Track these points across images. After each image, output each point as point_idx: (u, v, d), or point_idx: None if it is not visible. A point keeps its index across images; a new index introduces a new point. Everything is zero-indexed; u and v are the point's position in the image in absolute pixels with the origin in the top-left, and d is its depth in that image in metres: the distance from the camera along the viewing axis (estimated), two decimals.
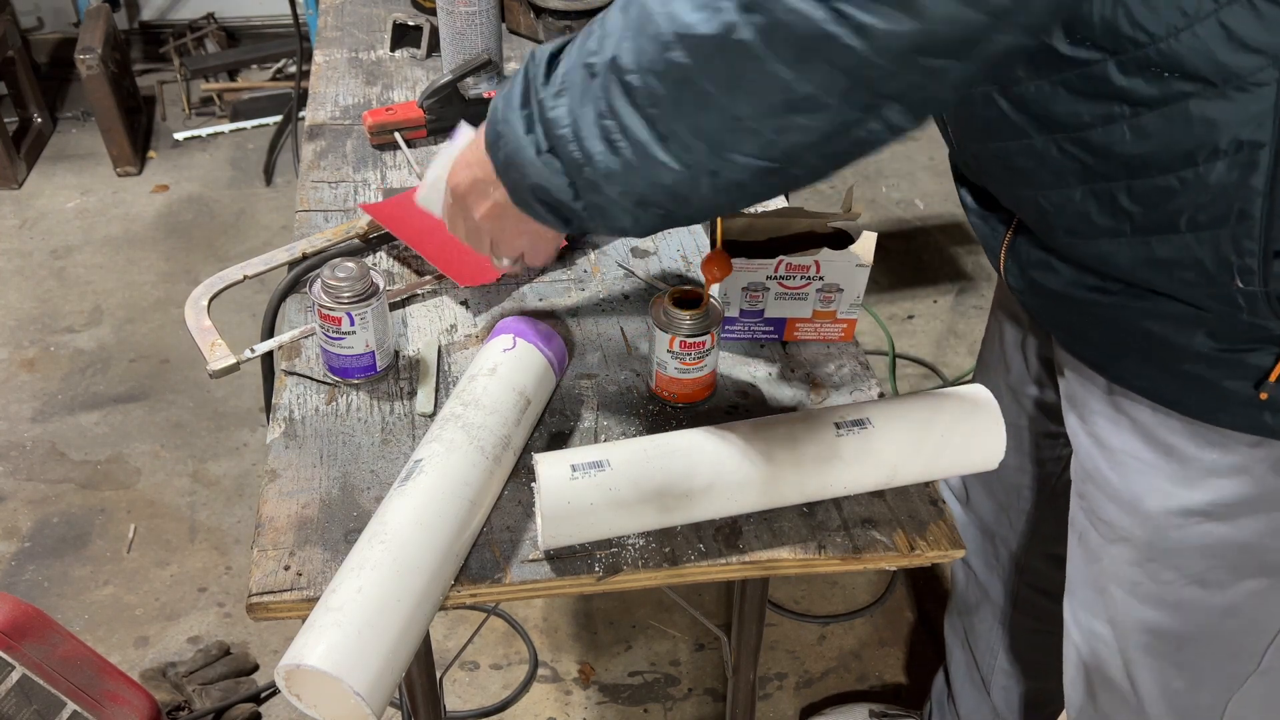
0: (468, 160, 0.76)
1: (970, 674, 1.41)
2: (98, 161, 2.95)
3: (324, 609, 0.68)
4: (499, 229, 0.77)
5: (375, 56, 1.46)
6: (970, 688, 1.42)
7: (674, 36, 0.59)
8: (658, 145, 0.62)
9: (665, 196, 0.65)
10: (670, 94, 0.60)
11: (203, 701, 1.62)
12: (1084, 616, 0.99)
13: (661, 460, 0.77)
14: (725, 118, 0.59)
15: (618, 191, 0.65)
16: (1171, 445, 0.85)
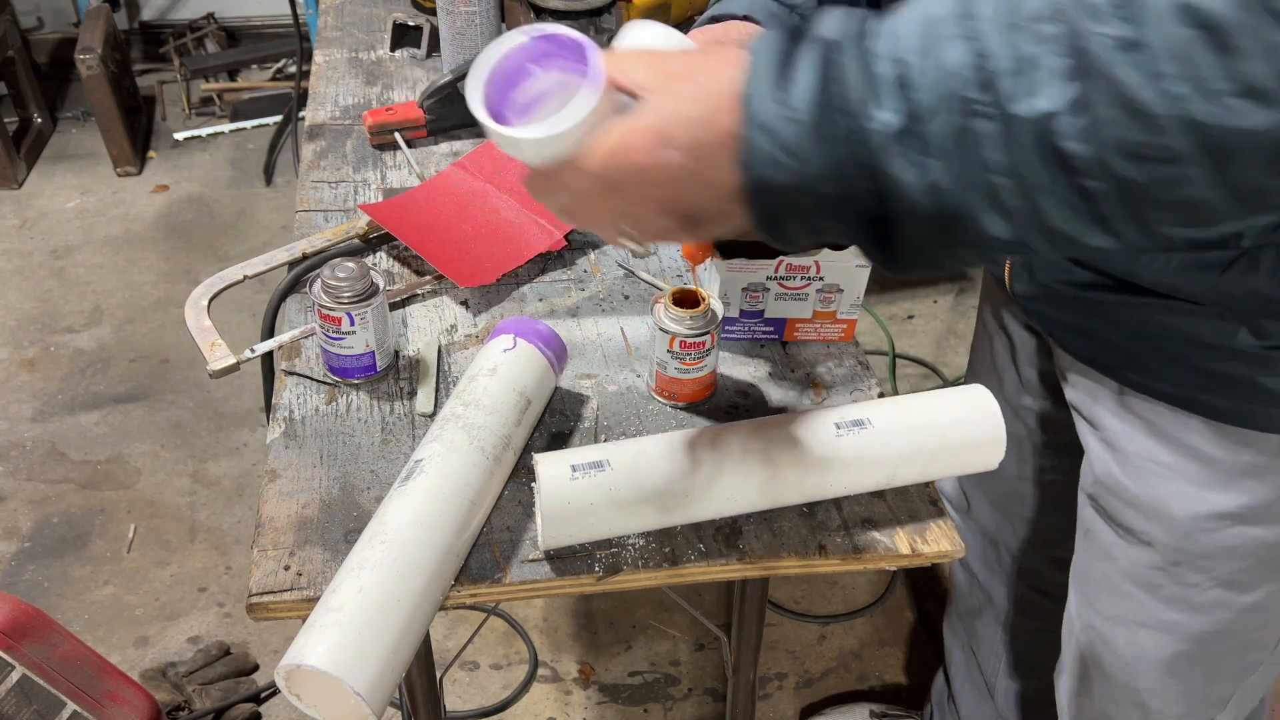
0: (663, 138, 0.56)
1: (971, 676, 1.41)
2: (98, 161, 2.95)
3: (324, 609, 0.68)
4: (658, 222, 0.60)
5: (375, 56, 1.46)
6: (971, 689, 1.42)
7: (1184, 123, 0.44)
8: (1084, 226, 0.49)
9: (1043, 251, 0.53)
10: (1144, 180, 0.46)
11: (203, 701, 1.62)
12: (1089, 614, 0.99)
13: (661, 460, 0.77)
14: (1209, 208, 0.47)
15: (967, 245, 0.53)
16: (1193, 447, 0.83)
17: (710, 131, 0.55)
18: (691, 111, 0.55)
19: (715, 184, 0.56)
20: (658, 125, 0.56)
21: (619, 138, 0.56)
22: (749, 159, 0.54)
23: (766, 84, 0.53)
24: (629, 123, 0.57)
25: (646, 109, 0.56)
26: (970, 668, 1.41)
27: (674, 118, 0.56)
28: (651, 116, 0.56)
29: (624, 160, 0.57)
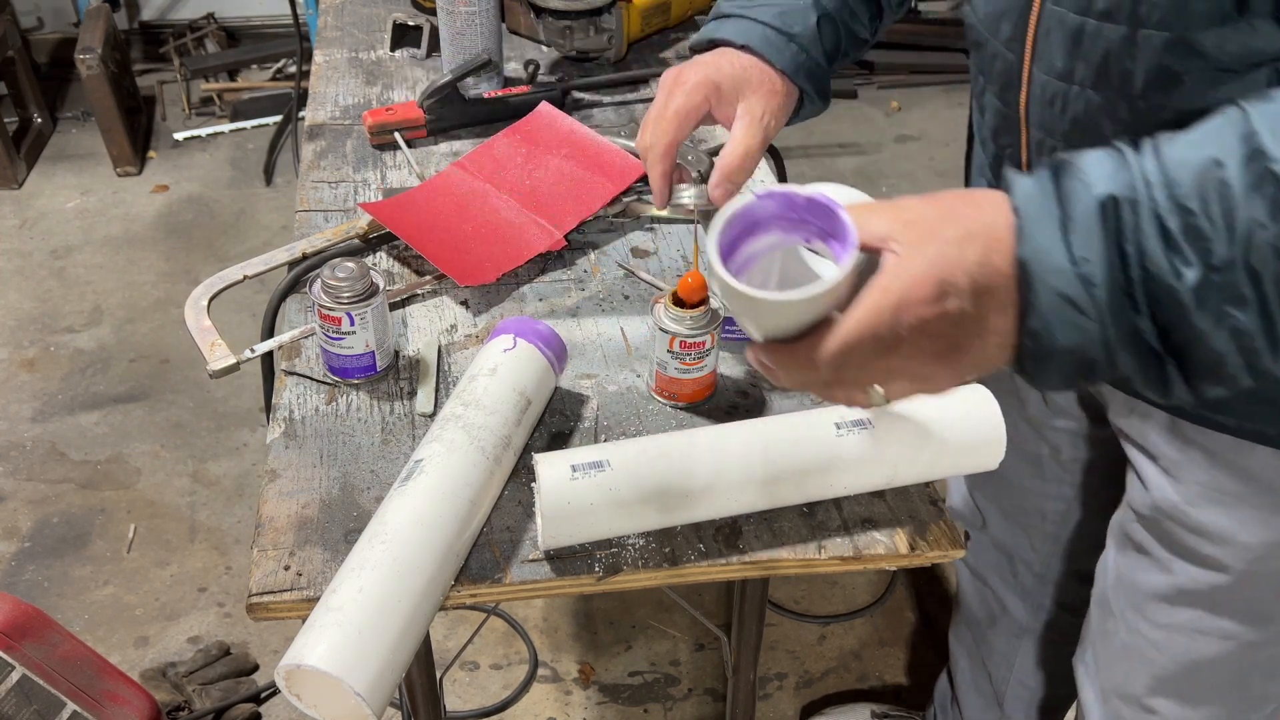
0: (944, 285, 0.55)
1: (978, 683, 1.40)
2: (98, 161, 2.95)
3: (324, 609, 0.68)
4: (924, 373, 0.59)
5: (375, 56, 1.46)
6: (977, 696, 1.41)
7: None
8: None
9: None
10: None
11: (203, 701, 1.62)
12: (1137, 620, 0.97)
13: (661, 460, 0.77)
14: None
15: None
16: (1260, 476, 0.82)
17: (988, 274, 0.55)
18: (966, 256, 0.55)
19: (992, 328, 0.56)
20: (937, 274, 0.55)
21: (899, 292, 0.55)
22: (1040, 323, 0.55)
23: (1052, 244, 0.54)
24: (901, 275, 0.55)
25: (913, 259, 0.55)
26: (977, 675, 1.40)
27: (950, 264, 0.55)
28: (924, 265, 0.55)
29: (908, 314, 0.55)
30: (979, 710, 1.42)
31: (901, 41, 3.52)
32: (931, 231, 0.56)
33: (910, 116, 3.28)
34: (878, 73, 3.45)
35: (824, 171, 2.99)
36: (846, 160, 3.05)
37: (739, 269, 0.61)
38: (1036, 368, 0.57)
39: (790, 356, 0.59)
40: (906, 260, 0.56)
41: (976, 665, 1.39)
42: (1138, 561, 0.96)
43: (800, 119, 0.93)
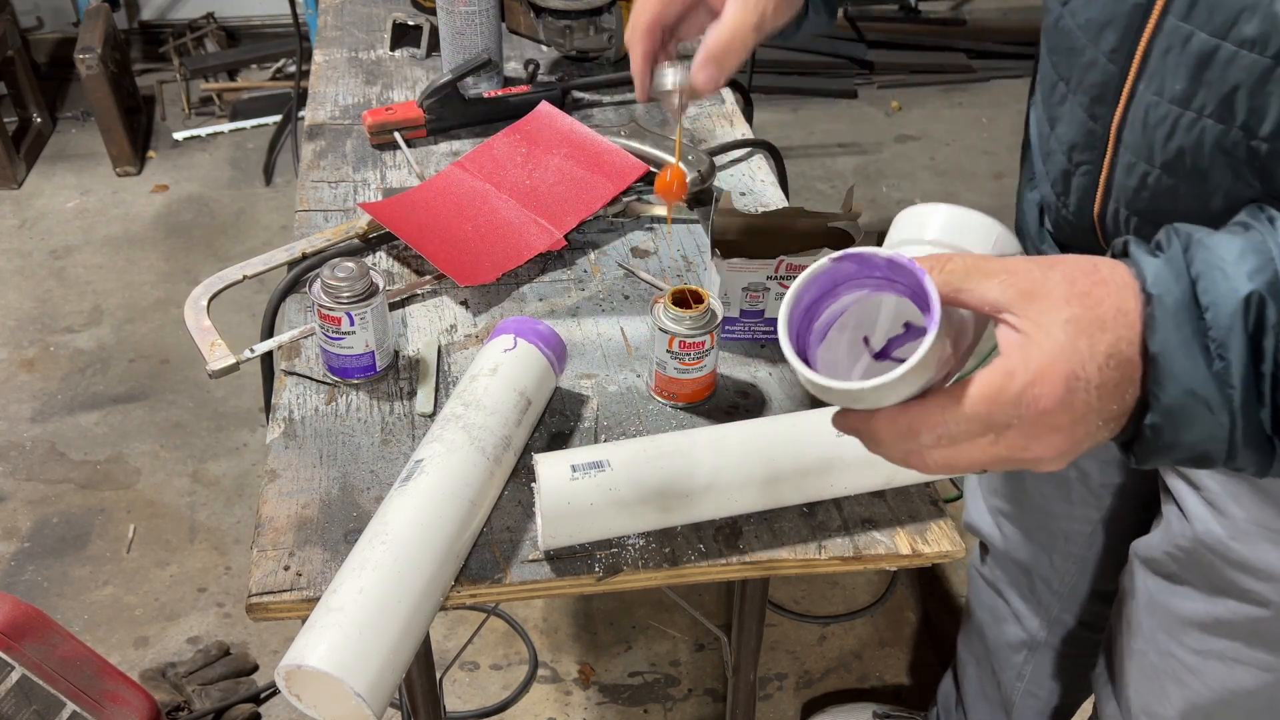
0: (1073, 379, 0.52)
1: (986, 691, 1.39)
2: (97, 161, 2.95)
3: (325, 609, 0.68)
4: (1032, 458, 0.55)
5: (375, 56, 1.46)
6: (984, 703, 1.40)
7: None
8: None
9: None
10: None
11: (202, 702, 1.62)
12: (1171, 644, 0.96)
13: (661, 460, 0.77)
14: None
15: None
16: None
17: (1118, 366, 0.52)
18: (1098, 347, 0.52)
19: (1109, 417, 0.54)
20: (1069, 367, 0.52)
21: (1025, 383, 0.52)
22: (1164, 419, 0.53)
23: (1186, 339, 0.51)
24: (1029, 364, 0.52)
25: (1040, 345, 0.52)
26: (985, 682, 1.39)
27: (1081, 357, 0.52)
28: (1054, 355, 0.52)
29: (1031, 407, 0.52)
30: (985, 716, 1.41)
31: (901, 41, 3.52)
32: (1057, 310, 0.52)
33: (910, 116, 3.28)
34: (878, 73, 3.45)
35: (824, 171, 2.99)
36: (846, 160, 3.05)
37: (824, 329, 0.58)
38: (1145, 456, 0.55)
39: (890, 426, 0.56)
40: (1033, 344, 0.52)
41: (985, 673, 1.38)
42: (1172, 589, 0.95)
43: (801, 32, 0.87)
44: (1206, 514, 0.88)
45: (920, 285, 0.53)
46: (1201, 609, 0.92)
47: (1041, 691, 1.32)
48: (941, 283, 0.53)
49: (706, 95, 0.80)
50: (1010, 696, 1.35)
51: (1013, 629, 1.30)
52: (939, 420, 0.54)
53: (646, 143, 1.17)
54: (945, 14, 3.74)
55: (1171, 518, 0.93)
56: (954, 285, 0.54)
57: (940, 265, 0.54)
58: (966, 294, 0.54)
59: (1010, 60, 3.52)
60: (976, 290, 0.53)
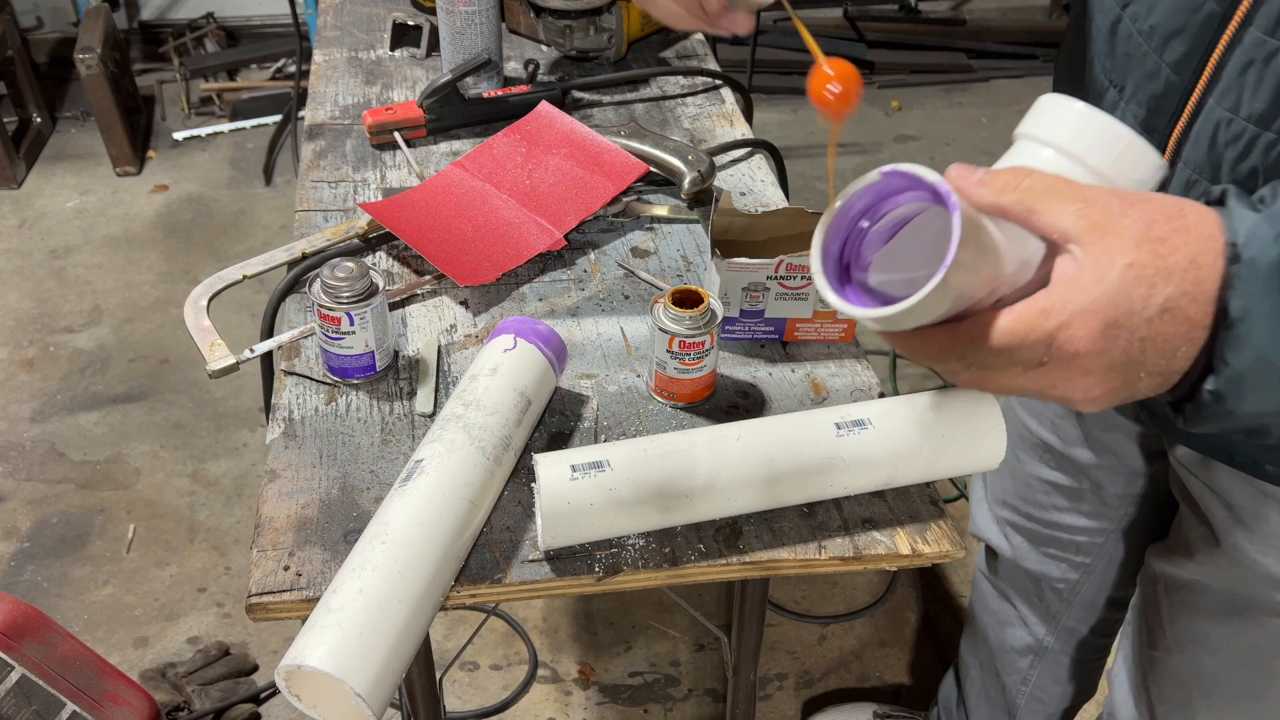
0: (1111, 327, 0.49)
1: (988, 693, 1.39)
2: (97, 161, 2.95)
3: (325, 609, 0.68)
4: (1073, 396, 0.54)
5: (375, 56, 1.45)
6: (987, 705, 1.40)
7: None
8: None
9: None
10: None
11: (202, 702, 1.62)
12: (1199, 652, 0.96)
13: (661, 460, 0.77)
14: None
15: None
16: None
17: (1172, 322, 0.49)
18: (1152, 298, 0.49)
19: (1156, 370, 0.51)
20: (1112, 313, 0.49)
21: (1060, 321, 0.49)
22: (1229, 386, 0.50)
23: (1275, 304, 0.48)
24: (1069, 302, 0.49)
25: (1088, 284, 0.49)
26: (989, 685, 1.38)
27: (1130, 306, 0.49)
28: (1099, 298, 0.49)
29: (1063, 347, 0.50)
30: (987, 718, 1.40)
31: (901, 41, 3.53)
32: (1122, 251, 0.49)
33: (910, 116, 3.28)
34: (878, 73, 3.45)
35: (824, 171, 2.99)
36: (846, 160, 3.05)
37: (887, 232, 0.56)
38: (1197, 420, 0.53)
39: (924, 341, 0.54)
40: (1081, 284, 0.49)
41: (989, 675, 1.38)
42: (1198, 600, 0.94)
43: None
44: (1235, 528, 0.87)
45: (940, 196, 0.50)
46: (1228, 622, 0.91)
47: (1046, 696, 1.32)
48: (1014, 201, 0.51)
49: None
50: (1014, 700, 1.34)
51: (1019, 634, 1.29)
52: (968, 348, 0.52)
53: (646, 143, 1.17)
54: (945, 14, 3.74)
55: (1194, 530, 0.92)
56: (1027, 205, 0.51)
57: (1017, 181, 0.51)
58: (1037, 217, 0.51)
59: (1010, 60, 3.52)
60: (1048, 214, 0.51)
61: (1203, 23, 0.66)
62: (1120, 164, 0.55)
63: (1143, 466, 1.06)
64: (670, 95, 1.37)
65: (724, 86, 1.39)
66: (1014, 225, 0.52)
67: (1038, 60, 3.51)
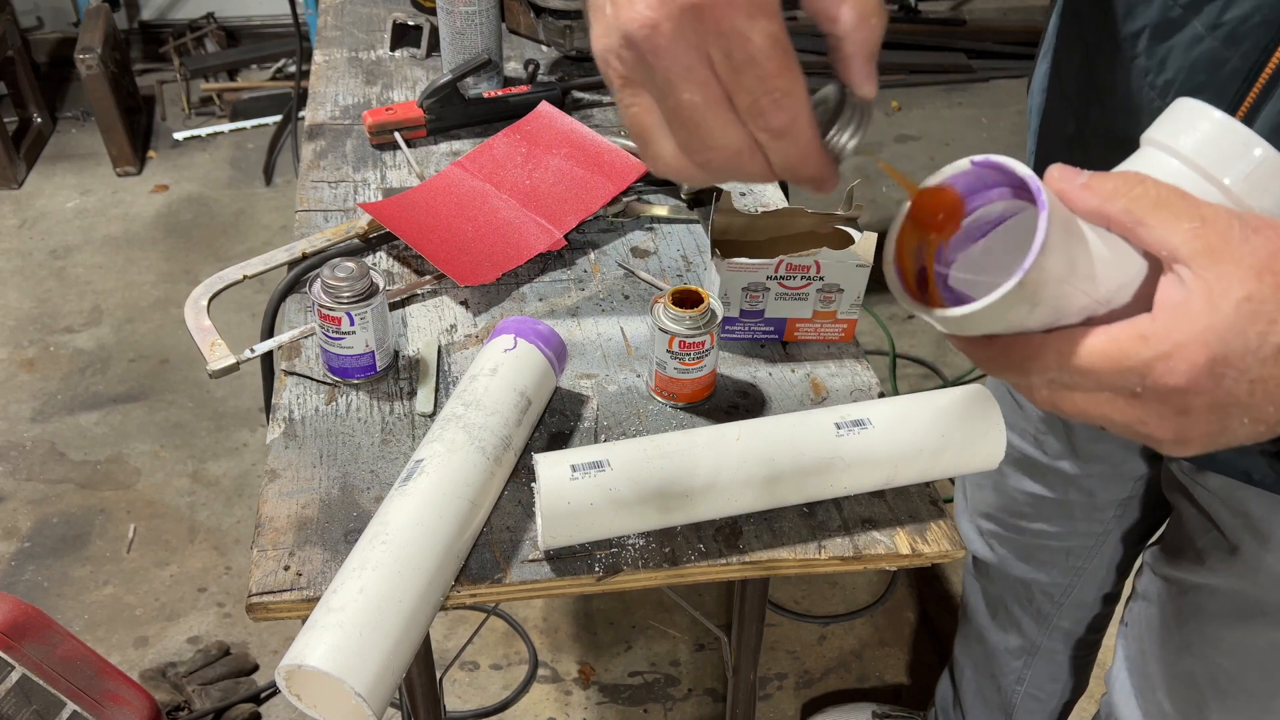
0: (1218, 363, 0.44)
1: (984, 694, 1.39)
2: (97, 161, 2.95)
3: (325, 609, 0.68)
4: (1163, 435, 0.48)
5: (375, 56, 1.46)
6: (982, 705, 1.40)
7: None
8: None
9: None
10: None
11: (202, 702, 1.62)
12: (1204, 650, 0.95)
13: (661, 460, 0.77)
14: None
15: None
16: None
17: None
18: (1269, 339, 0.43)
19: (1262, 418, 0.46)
20: (1221, 350, 0.44)
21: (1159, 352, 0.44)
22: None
23: None
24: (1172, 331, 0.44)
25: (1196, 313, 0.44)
26: (984, 685, 1.38)
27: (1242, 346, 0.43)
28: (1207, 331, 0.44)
29: (1158, 381, 0.45)
30: (984, 718, 1.41)
31: (902, 41, 3.53)
32: (1240, 281, 0.43)
33: (910, 116, 3.28)
34: (878, 72, 3.45)
35: None
36: (846, 160, 3.05)
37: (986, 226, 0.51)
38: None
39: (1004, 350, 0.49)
40: (1189, 312, 0.44)
41: (984, 676, 1.38)
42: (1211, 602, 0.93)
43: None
44: (1249, 536, 0.86)
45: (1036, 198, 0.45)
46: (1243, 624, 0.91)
47: (1042, 693, 1.32)
48: (1121, 210, 0.46)
49: None
50: (1010, 700, 1.34)
51: (1011, 636, 1.30)
52: (1053, 362, 0.47)
53: None
54: (945, 14, 3.74)
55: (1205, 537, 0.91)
56: (1135, 216, 0.46)
57: (1127, 189, 0.46)
58: (1146, 231, 0.45)
59: (1010, 60, 3.52)
60: (1158, 230, 0.45)
61: (1226, 79, 0.63)
62: (1253, 183, 0.50)
63: (1144, 470, 1.06)
64: None
65: None
66: (1118, 238, 0.47)
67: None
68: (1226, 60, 0.63)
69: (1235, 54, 0.62)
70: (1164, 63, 0.67)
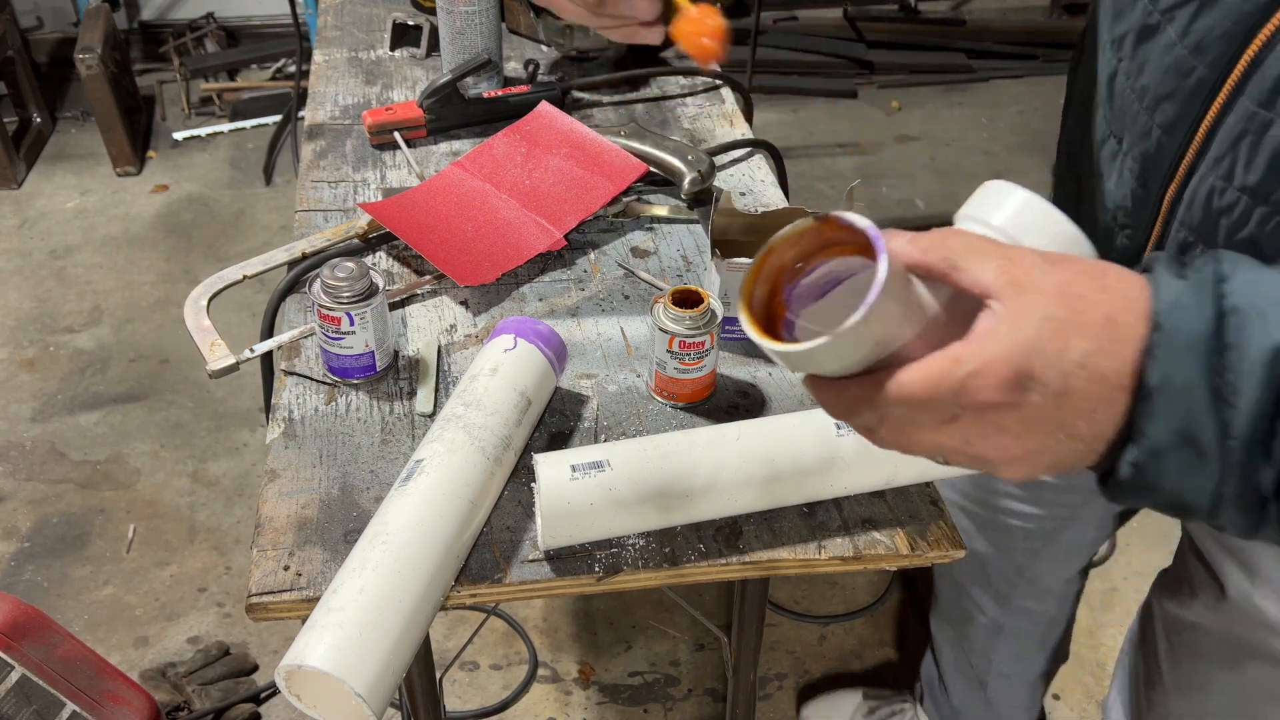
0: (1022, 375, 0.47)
1: (961, 669, 1.43)
2: (97, 161, 2.95)
3: (325, 609, 0.68)
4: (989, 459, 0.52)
5: (375, 56, 1.45)
6: (962, 680, 1.44)
7: None
8: None
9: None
10: None
11: (202, 702, 1.62)
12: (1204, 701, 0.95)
13: (661, 460, 0.77)
14: None
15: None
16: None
17: (1088, 379, 0.47)
18: (1068, 351, 0.47)
19: (1078, 435, 0.49)
20: (1023, 361, 0.47)
21: (971, 369, 0.48)
22: (1147, 458, 0.48)
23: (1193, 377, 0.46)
24: (982, 350, 0.48)
25: (1001, 334, 0.47)
26: (960, 662, 1.42)
27: (1043, 355, 0.47)
28: (1011, 346, 0.47)
29: (972, 396, 0.48)
30: (965, 693, 1.44)
31: (902, 41, 3.53)
32: (1041, 306, 0.47)
33: (910, 116, 3.28)
34: (878, 73, 3.45)
35: (824, 171, 2.99)
36: (846, 160, 3.05)
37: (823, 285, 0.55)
38: (1119, 495, 0.51)
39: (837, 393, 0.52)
40: (996, 335, 0.48)
41: (959, 652, 1.42)
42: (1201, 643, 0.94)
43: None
44: (1238, 573, 0.86)
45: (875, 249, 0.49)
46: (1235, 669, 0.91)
47: (1011, 670, 1.36)
48: (939, 258, 0.50)
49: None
50: (983, 676, 1.39)
51: (974, 615, 1.33)
52: (876, 399, 0.50)
53: (646, 143, 1.17)
54: (945, 14, 3.74)
55: (1199, 573, 0.92)
56: (951, 262, 0.50)
57: (943, 239, 0.51)
58: (960, 273, 0.49)
59: (1010, 60, 3.52)
60: (972, 270, 0.49)
61: (1193, 89, 0.65)
62: (1057, 247, 0.55)
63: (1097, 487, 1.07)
64: (670, 95, 1.37)
65: (724, 86, 1.39)
66: (942, 286, 0.51)
67: (1038, 60, 3.51)
68: (1194, 69, 0.64)
69: (1202, 63, 0.64)
70: (1143, 67, 0.70)
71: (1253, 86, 0.60)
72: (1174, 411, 0.47)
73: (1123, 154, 0.74)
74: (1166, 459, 0.48)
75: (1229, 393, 0.46)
